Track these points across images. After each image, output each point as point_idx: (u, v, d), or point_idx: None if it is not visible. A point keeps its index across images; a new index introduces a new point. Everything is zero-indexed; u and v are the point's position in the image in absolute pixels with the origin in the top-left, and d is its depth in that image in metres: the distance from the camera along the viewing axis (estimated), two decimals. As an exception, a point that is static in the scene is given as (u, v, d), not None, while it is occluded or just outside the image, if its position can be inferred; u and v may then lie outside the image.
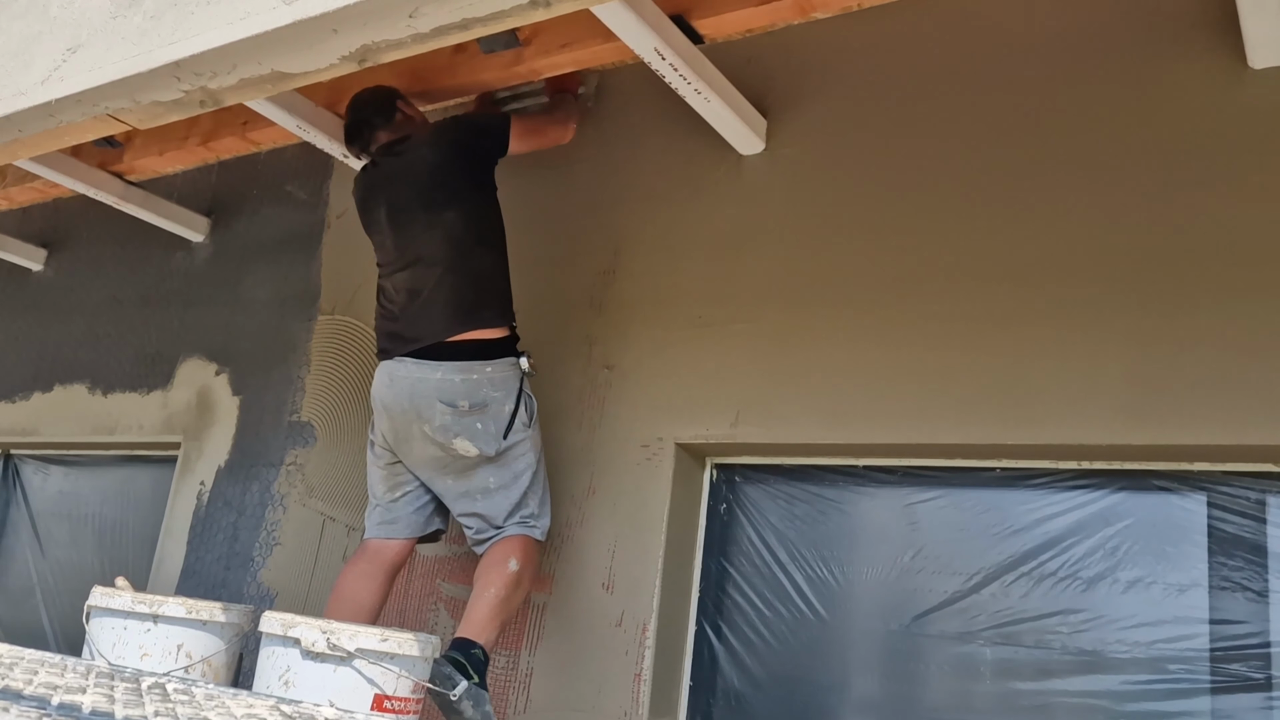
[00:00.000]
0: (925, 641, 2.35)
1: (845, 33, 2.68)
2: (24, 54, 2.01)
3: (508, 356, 2.52)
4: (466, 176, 2.61)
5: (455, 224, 2.55)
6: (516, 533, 2.50)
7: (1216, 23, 2.21)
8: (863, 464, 2.53)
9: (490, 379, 2.47)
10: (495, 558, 2.46)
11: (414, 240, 2.57)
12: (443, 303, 2.51)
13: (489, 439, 2.47)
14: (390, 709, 2.06)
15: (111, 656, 2.38)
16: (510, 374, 2.51)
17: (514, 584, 2.42)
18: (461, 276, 2.53)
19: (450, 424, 2.45)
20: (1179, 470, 2.19)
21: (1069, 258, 2.26)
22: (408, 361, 2.51)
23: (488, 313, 2.53)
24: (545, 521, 2.56)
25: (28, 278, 4.53)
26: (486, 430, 2.46)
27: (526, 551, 2.48)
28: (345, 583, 2.57)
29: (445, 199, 2.56)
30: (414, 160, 2.63)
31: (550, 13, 1.49)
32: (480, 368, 2.47)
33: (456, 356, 2.47)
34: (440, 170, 2.59)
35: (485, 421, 2.46)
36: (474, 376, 2.46)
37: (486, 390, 2.47)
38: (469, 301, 2.52)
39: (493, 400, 2.47)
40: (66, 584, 4.03)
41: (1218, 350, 2.06)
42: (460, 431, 2.45)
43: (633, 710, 2.46)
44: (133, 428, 3.84)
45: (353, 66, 1.67)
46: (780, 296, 2.58)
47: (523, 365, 2.53)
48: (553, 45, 2.87)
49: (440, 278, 2.52)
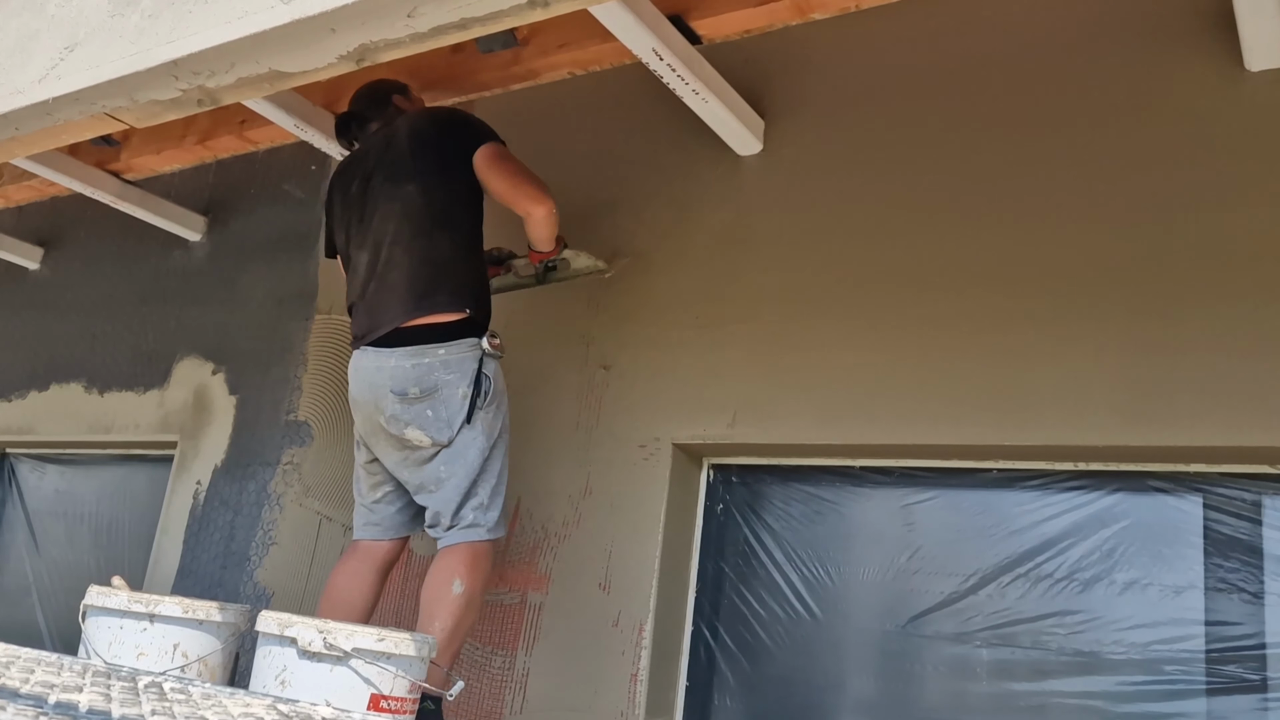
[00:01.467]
0: (922, 642, 2.35)
1: (843, 34, 2.68)
2: (21, 52, 2.01)
3: (467, 337, 2.39)
4: (435, 155, 2.51)
5: (413, 200, 2.46)
6: (458, 540, 2.37)
7: (1213, 25, 2.21)
8: (859, 465, 2.53)
9: (444, 361, 2.36)
10: (438, 580, 2.34)
11: (378, 216, 2.49)
12: (398, 286, 2.41)
13: (440, 426, 2.35)
14: (387, 709, 2.05)
15: (108, 656, 2.37)
16: (467, 355, 2.38)
17: (462, 608, 2.32)
18: (416, 258, 2.42)
19: (400, 413, 2.36)
20: (1175, 472, 2.19)
21: (1066, 259, 2.26)
22: (369, 351, 2.43)
23: (442, 296, 2.40)
24: (493, 515, 2.40)
25: (24, 276, 4.53)
26: (438, 417, 2.35)
27: (471, 563, 2.35)
28: (336, 583, 2.53)
29: (408, 173, 2.48)
30: (392, 136, 2.57)
31: (548, 13, 1.49)
32: (432, 351, 2.36)
33: (409, 342, 2.37)
34: (411, 143, 2.51)
35: (436, 407, 2.35)
36: (425, 360, 2.35)
37: (439, 373, 2.35)
38: (423, 285, 2.40)
39: (444, 384, 2.35)
40: (62, 583, 4.03)
41: (1214, 352, 2.07)
42: (410, 420, 2.35)
43: (629, 710, 2.46)
44: (129, 427, 3.83)
45: (351, 66, 1.67)
46: (777, 297, 2.59)
47: (483, 345, 2.40)
48: (551, 45, 2.88)
49: (396, 259, 2.43)
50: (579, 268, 2.80)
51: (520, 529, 2.80)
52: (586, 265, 2.80)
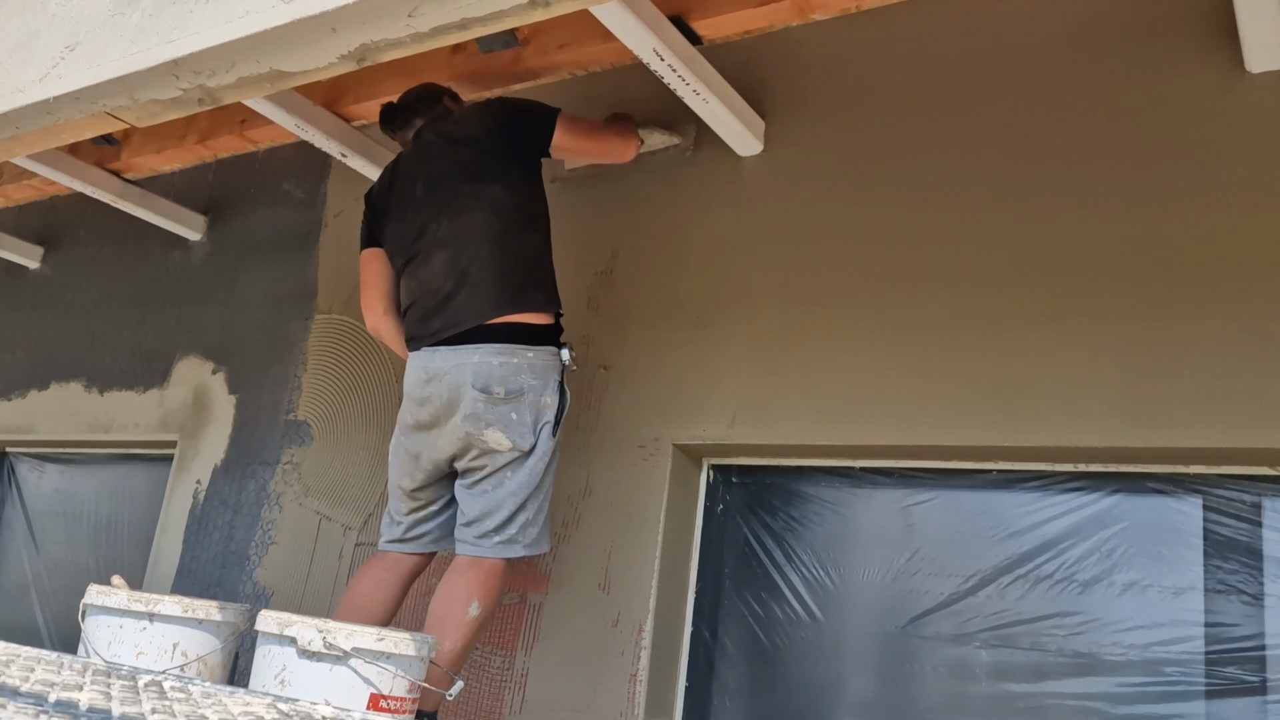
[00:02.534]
0: (921, 643, 2.35)
1: (844, 34, 2.68)
2: (22, 51, 2.01)
3: (550, 345, 2.36)
4: (513, 154, 2.46)
5: (501, 199, 2.40)
6: (492, 555, 2.30)
7: (1214, 27, 2.21)
8: (859, 465, 2.53)
9: (531, 365, 2.29)
10: (455, 596, 2.27)
11: (455, 216, 2.40)
12: (488, 282, 2.33)
13: (524, 430, 2.28)
14: (386, 708, 2.05)
15: (107, 655, 2.37)
16: (551, 364, 2.34)
17: (475, 631, 2.26)
18: (509, 255, 2.36)
19: (482, 412, 2.27)
20: (1175, 473, 2.19)
21: (1066, 261, 2.26)
22: (441, 350, 2.33)
23: (536, 295, 2.36)
24: (534, 531, 2.34)
25: (24, 275, 4.53)
26: (522, 420, 2.28)
27: (489, 582, 2.29)
28: (360, 588, 2.46)
29: (491, 174, 2.42)
30: (458, 133, 2.50)
31: (549, 13, 1.49)
32: (522, 352, 2.29)
33: (497, 339, 2.30)
34: (486, 144, 2.45)
35: (521, 411, 2.28)
36: (514, 360, 2.28)
37: (525, 376, 2.28)
38: (516, 282, 2.34)
39: (530, 389, 2.29)
40: (62, 582, 4.03)
41: (1214, 353, 2.07)
42: (494, 421, 2.27)
43: (628, 711, 2.46)
44: (129, 426, 3.83)
45: (351, 66, 1.67)
46: (778, 298, 2.59)
47: (563, 357, 2.37)
48: (551, 46, 2.87)
49: (486, 255, 2.35)
50: (653, 145, 2.84)
51: (520, 529, 2.79)
52: (661, 142, 2.84)
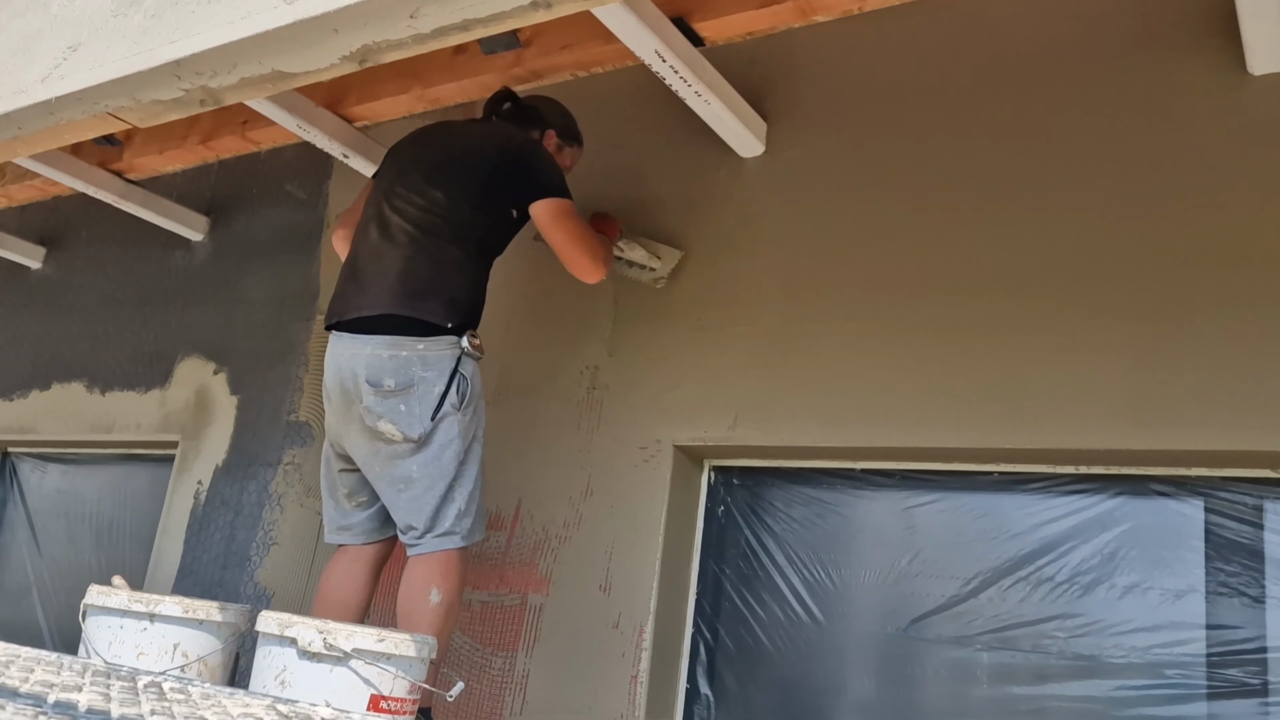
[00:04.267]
0: (922, 645, 2.35)
1: (846, 36, 2.68)
2: (24, 51, 2.01)
3: (447, 336, 2.36)
4: (489, 186, 2.49)
5: (445, 205, 2.43)
6: (434, 549, 2.33)
7: (1216, 30, 2.21)
8: (860, 467, 2.53)
9: (421, 357, 2.32)
10: (414, 590, 2.31)
11: (413, 201, 2.46)
12: (393, 277, 2.37)
13: (413, 421, 2.31)
14: (387, 709, 2.05)
15: (108, 655, 2.37)
16: (446, 353, 2.34)
17: (442, 617, 2.29)
18: (421, 260, 2.39)
19: (374, 405, 2.31)
20: (1177, 475, 2.19)
21: (1068, 263, 2.26)
22: (345, 337, 2.39)
23: (433, 304, 2.36)
24: (468, 521, 2.36)
25: (26, 276, 4.53)
26: (411, 412, 2.31)
27: (445, 570, 2.32)
28: (330, 583, 2.49)
29: (458, 182, 2.46)
30: (471, 142, 2.55)
31: (551, 14, 1.49)
32: (411, 344, 2.32)
33: (388, 330, 2.33)
34: (478, 165, 2.48)
35: (410, 403, 2.31)
36: (403, 353, 2.31)
37: (416, 369, 2.31)
38: (417, 288, 2.36)
39: (421, 380, 2.31)
40: (63, 582, 4.03)
41: (1216, 356, 2.06)
42: (384, 414, 2.31)
43: (629, 712, 2.46)
44: (130, 426, 3.83)
45: (353, 66, 1.67)
46: (780, 299, 2.58)
47: (463, 344, 2.37)
48: (553, 47, 2.88)
49: (404, 251, 2.40)
50: (633, 259, 2.72)
51: (520, 530, 2.80)
52: (641, 258, 2.72)
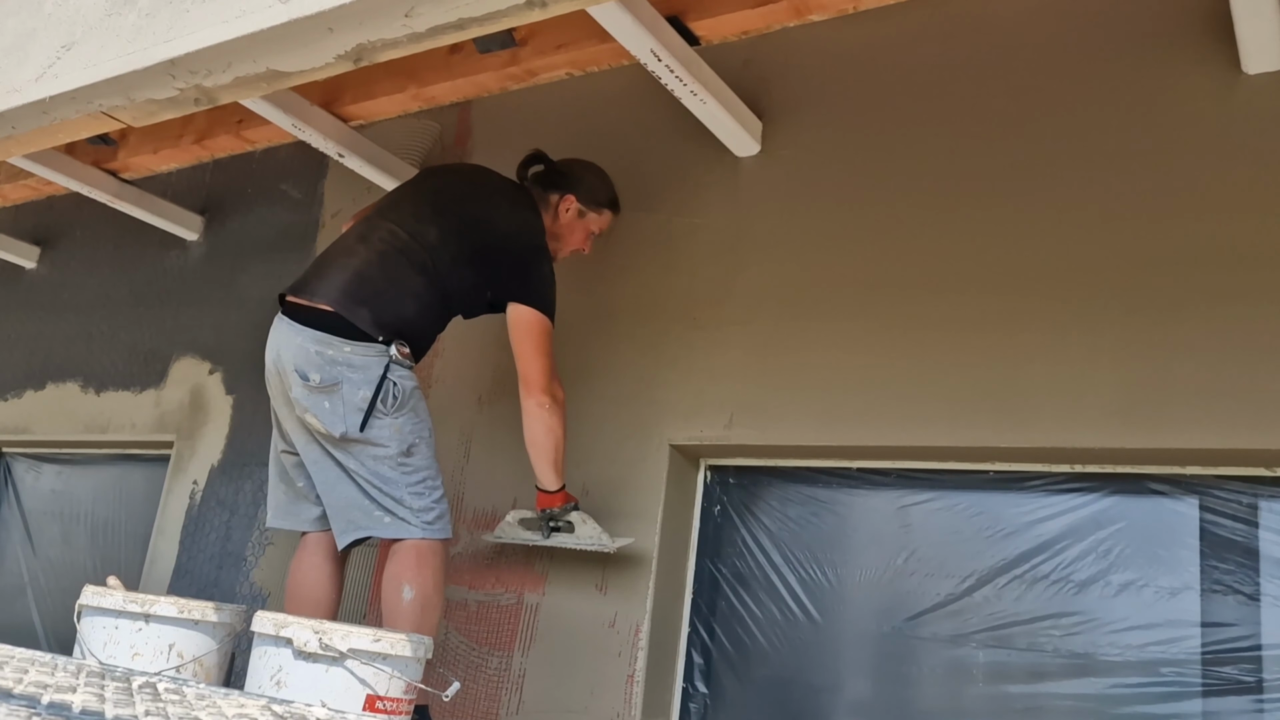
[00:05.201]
0: (918, 644, 2.35)
1: (841, 35, 2.68)
2: (18, 50, 2.01)
3: (375, 344, 2.37)
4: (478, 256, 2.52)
5: (428, 245, 2.48)
6: (405, 537, 2.32)
7: (1211, 28, 2.22)
8: (856, 466, 2.53)
9: (348, 359, 2.33)
10: (388, 589, 2.32)
11: (409, 219, 2.51)
12: (349, 274, 2.41)
13: (335, 420, 2.31)
14: (382, 709, 2.05)
15: (103, 656, 2.37)
16: (373, 358, 2.35)
17: (417, 613, 2.29)
18: (384, 277, 2.43)
19: (301, 396, 2.34)
20: (1172, 474, 2.19)
21: (1063, 262, 2.26)
22: (284, 321, 2.42)
23: (365, 314, 2.37)
24: (430, 515, 2.35)
25: (21, 275, 4.52)
26: (334, 410, 2.31)
27: (417, 564, 2.32)
28: (296, 580, 2.48)
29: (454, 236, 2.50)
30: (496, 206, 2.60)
31: (546, 13, 1.49)
32: (339, 345, 2.33)
33: (320, 326, 2.35)
34: (483, 233, 2.54)
35: (334, 401, 2.32)
36: (329, 352, 2.33)
37: (342, 370, 2.33)
38: (363, 295, 2.39)
39: (347, 381, 2.32)
40: (58, 583, 4.02)
41: (1210, 354, 2.07)
42: (309, 407, 2.33)
43: (625, 712, 2.46)
44: (125, 426, 3.83)
45: (348, 66, 1.67)
46: (775, 299, 2.58)
47: (391, 351, 2.37)
48: (549, 46, 2.87)
49: (374, 261, 2.43)
50: (584, 536, 2.52)
51: (517, 530, 2.79)
52: (591, 536, 2.50)
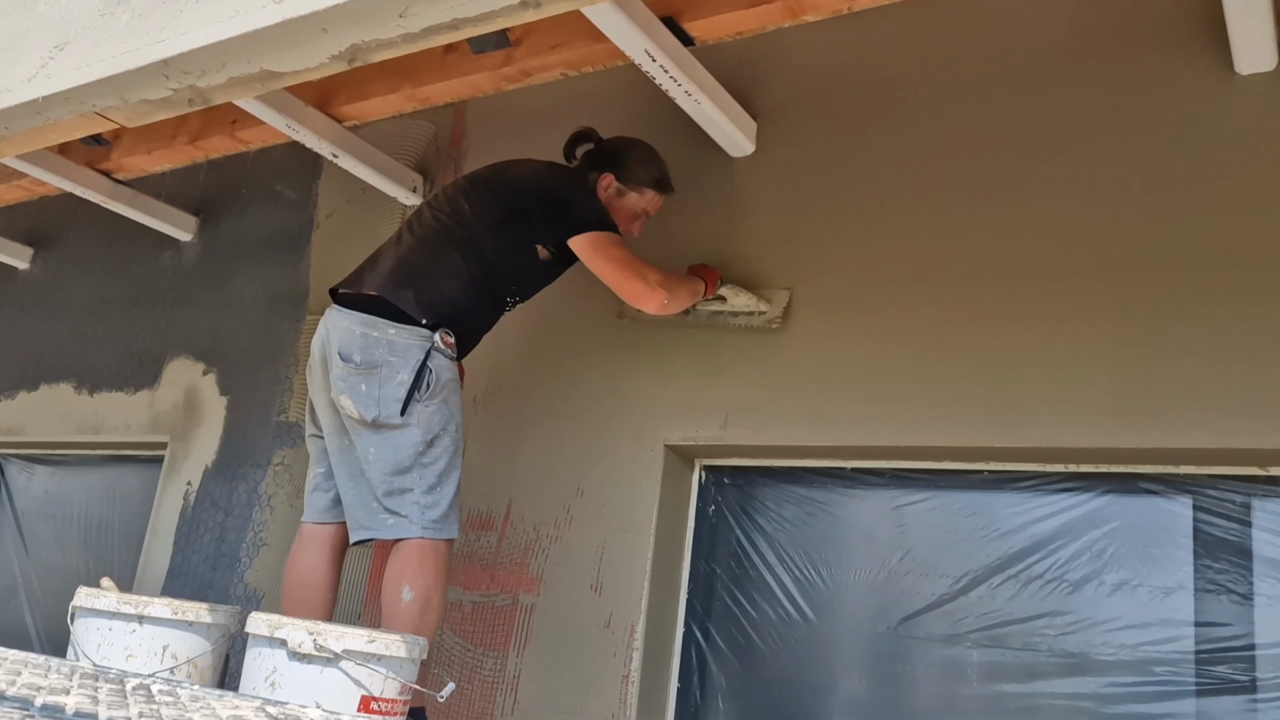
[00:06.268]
0: (912, 644, 2.35)
1: (836, 36, 2.68)
2: (10, 51, 2.00)
3: (420, 328, 2.36)
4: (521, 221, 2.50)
5: (464, 220, 2.48)
6: (405, 536, 2.29)
7: (1203, 29, 2.22)
8: (851, 466, 2.53)
9: (390, 342, 2.33)
10: (389, 590, 2.28)
11: (447, 203, 2.53)
12: (396, 264, 2.43)
13: (369, 403, 2.30)
14: (377, 710, 2.05)
15: (96, 658, 2.36)
16: (415, 343, 2.34)
17: (416, 615, 2.26)
18: (425, 256, 2.43)
19: (338, 377, 2.33)
20: (1165, 473, 2.20)
21: (1057, 261, 2.26)
22: (335, 309, 2.44)
23: (413, 296, 2.37)
24: (433, 514, 2.31)
25: (14, 276, 4.51)
26: (371, 393, 2.30)
27: (418, 563, 2.29)
28: (293, 577, 2.47)
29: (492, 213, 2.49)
30: (524, 170, 2.59)
31: (540, 13, 1.49)
32: (383, 327, 2.34)
33: (366, 309, 2.37)
34: (510, 192, 2.53)
35: (370, 384, 2.30)
36: (374, 334, 2.33)
37: (382, 352, 2.32)
38: (408, 278, 2.40)
39: (386, 364, 2.31)
40: (51, 584, 4.01)
41: (1204, 354, 2.07)
42: (345, 389, 2.32)
43: (620, 712, 2.46)
44: (119, 427, 3.82)
45: (342, 66, 1.67)
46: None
47: (435, 339, 2.36)
48: (543, 46, 2.87)
49: (417, 249, 2.45)
50: (738, 306, 2.56)
51: (511, 530, 2.79)
52: (745, 304, 2.56)
